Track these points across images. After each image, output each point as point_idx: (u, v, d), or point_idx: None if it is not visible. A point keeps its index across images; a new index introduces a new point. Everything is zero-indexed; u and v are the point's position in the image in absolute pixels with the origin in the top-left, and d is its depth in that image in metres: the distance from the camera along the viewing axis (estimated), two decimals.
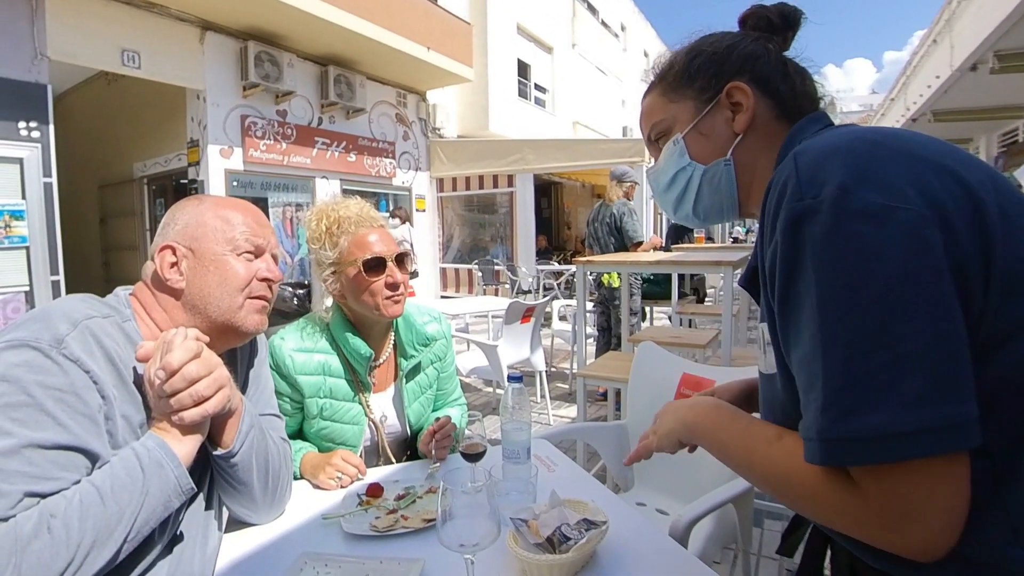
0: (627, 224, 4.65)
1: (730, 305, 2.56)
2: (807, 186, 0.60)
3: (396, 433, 1.64)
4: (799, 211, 0.60)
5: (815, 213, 0.58)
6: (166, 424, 0.91)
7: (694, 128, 0.85)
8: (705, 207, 0.88)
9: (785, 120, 0.82)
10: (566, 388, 5.31)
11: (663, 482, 1.95)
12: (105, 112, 8.61)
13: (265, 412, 1.21)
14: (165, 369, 0.87)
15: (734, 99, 0.82)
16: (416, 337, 1.63)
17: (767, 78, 0.82)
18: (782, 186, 0.63)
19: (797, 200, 0.60)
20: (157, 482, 0.87)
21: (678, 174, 0.87)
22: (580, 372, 2.99)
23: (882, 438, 0.53)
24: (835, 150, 0.62)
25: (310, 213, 1.58)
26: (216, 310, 1.03)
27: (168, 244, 1.03)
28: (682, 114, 0.86)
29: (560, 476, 1.41)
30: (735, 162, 0.83)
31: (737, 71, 0.82)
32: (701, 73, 0.84)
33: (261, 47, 6.74)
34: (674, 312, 5.07)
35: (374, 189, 8.91)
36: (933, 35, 9.42)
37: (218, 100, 6.63)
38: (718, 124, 0.83)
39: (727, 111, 0.83)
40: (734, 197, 0.85)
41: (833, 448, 0.56)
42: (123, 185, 8.55)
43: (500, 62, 11.22)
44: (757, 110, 0.81)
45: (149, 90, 6.83)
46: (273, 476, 1.13)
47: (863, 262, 0.55)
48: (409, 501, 1.25)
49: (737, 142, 0.82)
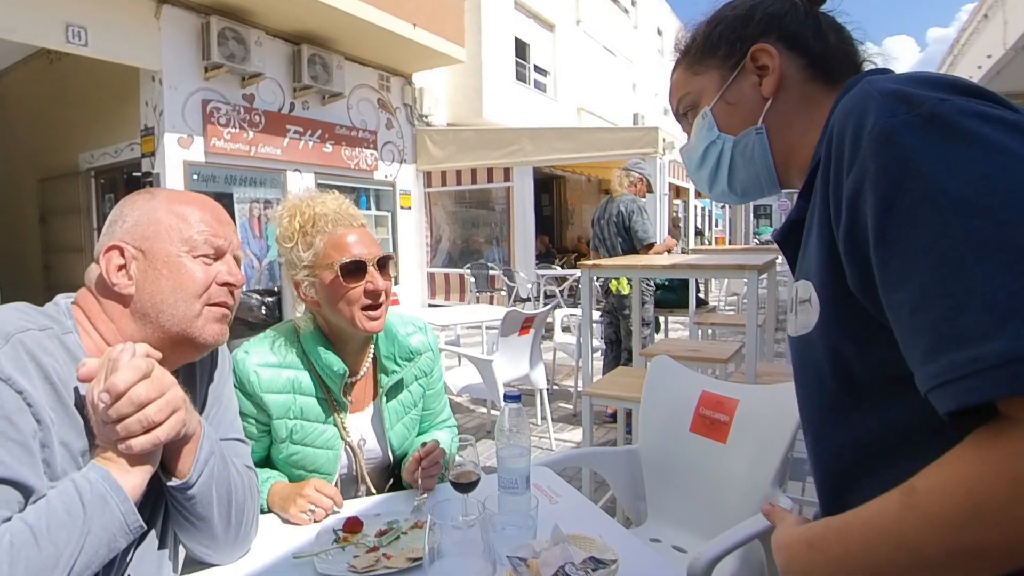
0: (636, 223, 4.66)
1: (755, 314, 2.56)
2: (896, 104, 0.58)
3: (376, 459, 1.63)
4: (894, 125, 0.57)
5: (916, 125, 0.56)
6: (111, 453, 0.90)
7: (721, 98, 0.88)
8: (741, 181, 0.91)
9: (822, 80, 0.83)
10: (570, 408, 5.30)
11: (680, 515, 1.94)
12: (47, 96, 8.60)
13: (228, 436, 1.21)
14: (110, 391, 0.86)
15: (759, 62, 0.84)
16: (398, 350, 1.62)
17: (796, 35, 0.84)
18: (859, 114, 0.61)
19: (890, 116, 0.58)
20: (100, 519, 0.86)
21: (708, 148, 0.91)
22: (586, 390, 2.98)
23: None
24: (917, 75, 0.62)
25: (281, 208, 1.58)
26: (170, 319, 1.03)
27: (115, 244, 1.02)
28: (708, 85, 0.90)
29: (563, 508, 1.41)
30: (768, 129, 0.85)
31: (762, 32, 0.85)
32: (723, 40, 0.88)
33: (225, 23, 6.75)
34: (692, 322, 5.08)
35: (353, 184, 8.92)
36: (984, 9, 9.47)
37: (176, 83, 6.64)
38: (746, 91, 0.86)
39: (754, 76, 0.85)
40: (771, 168, 0.87)
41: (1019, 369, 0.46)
42: (67, 178, 8.53)
43: (495, 41, 11.26)
44: (787, 71, 0.84)
45: (97, 71, 6.83)
46: (237, 510, 1.13)
47: (1000, 160, 0.52)
48: (392, 537, 1.25)
49: (768, 107, 0.85)
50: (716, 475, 1.84)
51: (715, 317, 5.86)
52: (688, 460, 1.92)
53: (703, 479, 1.86)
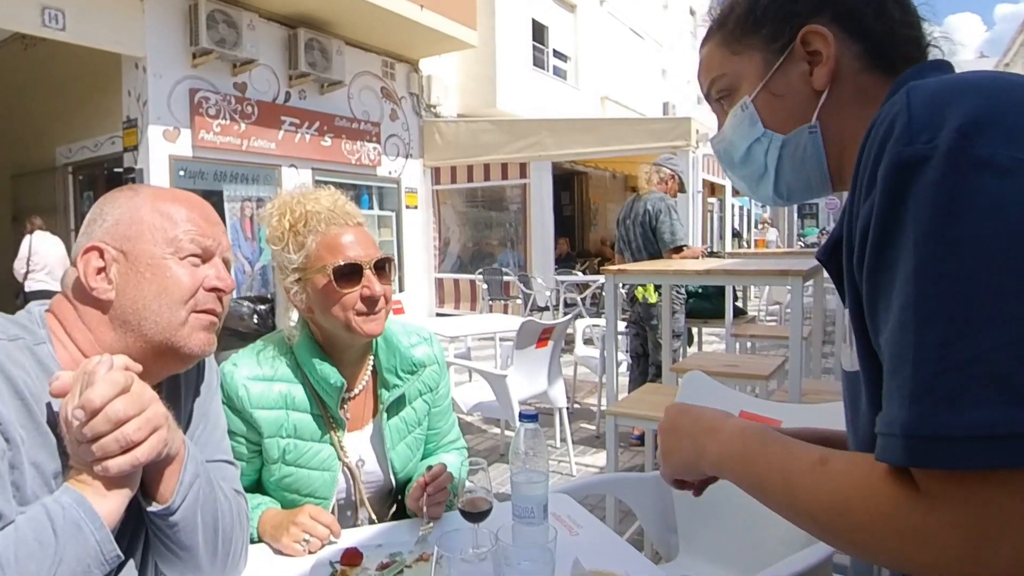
0: (663, 223, 4.65)
1: (799, 326, 2.54)
2: (920, 128, 0.59)
3: (377, 483, 1.63)
4: (906, 157, 0.59)
5: (926, 161, 0.58)
6: (86, 475, 0.90)
7: (765, 88, 0.85)
8: (789, 184, 0.88)
9: (882, 70, 0.80)
10: (593, 429, 5.29)
11: (715, 549, 1.92)
12: (20, 84, 8.75)
13: (215, 458, 1.21)
14: (85, 407, 0.86)
15: (811, 47, 0.81)
16: (400, 362, 1.63)
17: (855, 14, 0.81)
18: (888, 126, 0.62)
19: (905, 144, 0.60)
20: (73, 548, 0.86)
21: (752, 147, 0.88)
22: (611, 409, 2.97)
23: (985, 439, 0.52)
24: (958, 87, 0.62)
25: (270, 206, 1.59)
26: (153, 327, 1.03)
27: (94, 245, 1.03)
28: (749, 70, 0.86)
29: (585, 540, 1.40)
30: (821, 127, 0.82)
31: (815, 9, 0.81)
32: (769, 15, 0.84)
33: (215, 4, 6.84)
34: (728, 334, 5.05)
35: (354, 180, 8.98)
36: None
37: (161, 70, 6.72)
38: (794, 81, 0.83)
39: (804, 63, 0.82)
40: (824, 170, 0.85)
41: (920, 446, 0.55)
42: (42, 174, 8.66)
43: (511, 23, 11.31)
44: (842, 59, 0.80)
45: (76, 57, 6.94)
46: (224, 538, 1.13)
47: (980, 221, 0.54)
48: (395, 571, 1.25)
49: (822, 102, 0.82)
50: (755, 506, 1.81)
51: (755, 328, 5.82)
52: (724, 488, 1.89)
53: (741, 510, 1.84)
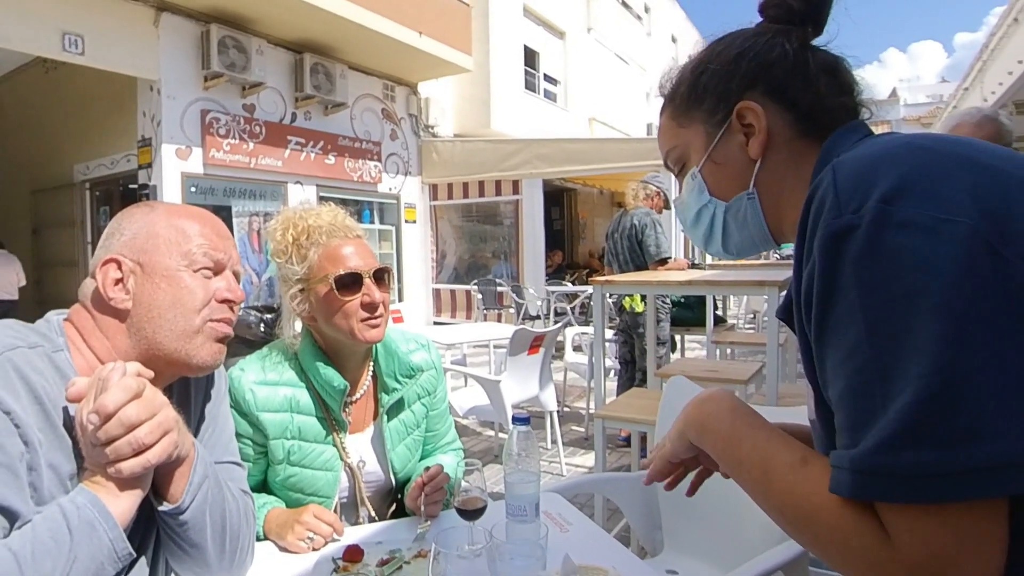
0: (648, 237, 4.66)
1: (776, 333, 2.55)
2: (846, 200, 0.62)
3: (378, 482, 1.63)
4: (837, 228, 0.62)
5: (855, 229, 0.60)
6: (100, 476, 0.90)
7: (709, 159, 0.87)
8: (736, 243, 0.91)
9: (812, 135, 0.82)
10: (582, 432, 5.28)
11: (698, 545, 1.92)
12: (41, 105, 8.74)
13: (223, 459, 1.20)
14: (99, 412, 0.86)
15: (745, 120, 0.83)
16: (399, 367, 1.63)
17: (783, 88, 0.83)
18: (819, 202, 0.65)
19: (835, 216, 0.62)
20: (87, 547, 0.85)
21: (701, 211, 0.91)
22: (599, 413, 2.97)
23: (927, 477, 0.55)
24: (877, 159, 0.64)
25: (274, 221, 1.60)
26: (168, 335, 1.03)
27: (113, 257, 1.03)
28: (695, 141, 0.89)
29: (575, 537, 1.40)
30: (759, 192, 0.85)
31: (749, 84, 0.83)
32: (708, 92, 0.86)
33: (226, 31, 6.85)
34: (709, 341, 5.05)
35: (356, 196, 8.98)
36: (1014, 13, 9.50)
37: (175, 92, 6.73)
38: (733, 151, 0.85)
39: (740, 135, 0.84)
40: (764, 230, 0.88)
41: (866, 481, 0.58)
42: (61, 190, 8.64)
43: (504, 49, 11.36)
44: (774, 128, 0.82)
45: (94, 80, 6.94)
46: (232, 537, 1.12)
47: (912, 281, 0.57)
48: (394, 567, 1.24)
49: (758, 169, 0.84)
50: (737, 503, 1.81)
51: (734, 336, 5.84)
52: (707, 487, 1.89)
53: (723, 507, 1.84)
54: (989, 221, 0.57)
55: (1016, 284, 0.56)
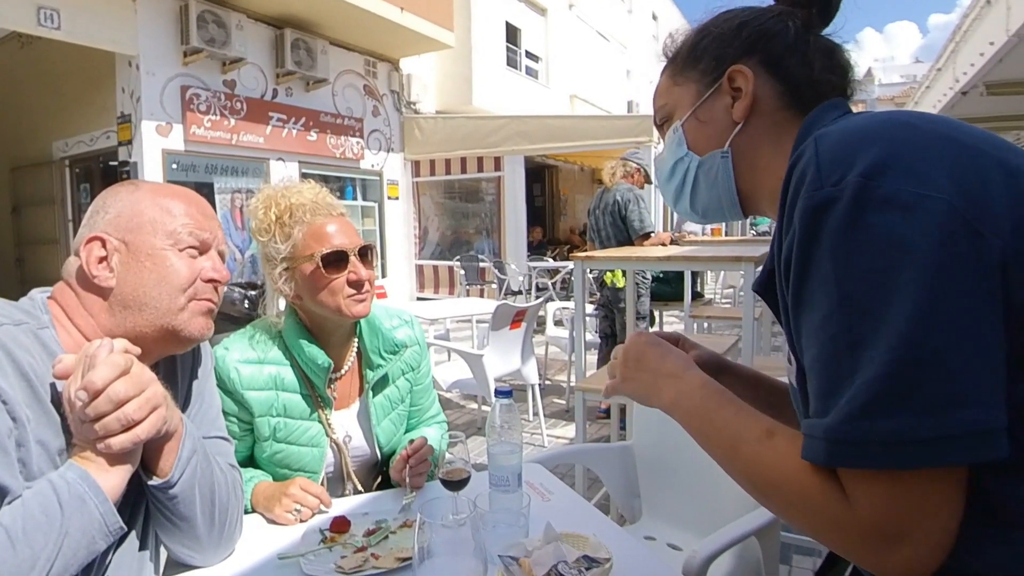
0: (632, 212, 4.67)
1: (751, 308, 2.57)
2: (828, 173, 0.63)
3: (364, 456, 1.63)
4: (818, 201, 0.62)
5: (835, 202, 0.61)
6: (90, 452, 0.89)
7: (693, 115, 0.89)
8: (703, 202, 0.93)
9: (798, 108, 0.84)
10: (563, 404, 5.32)
11: (675, 513, 1.95)
12: (18, 81, 8.51)
13: (211, 435, 1.20)
14: (87, 389, 0.85)
15: (735, 84, 0.85)
16: (383, 343, 1.63)
17: (778, 60, 0.84)
18: (801, 173, 0.66)
19: (816, 188, 0.63)
20: (78, 521, 0.85)
21: (676, 164, 0.92)
22: (579, 385, 2.99)
23: (895, 444, 0.56)
24: (859, 133, 0.65)
25: (255, 200, 1.58)
26: (153, 313, 1.03)
27: (97, 235, 1.02)
28: (683, 98, 0.91)
29: (556, 506, 1.41)
30: (734, 154, 0.86)
31: (745, 52, 0.85)
32: (706, 54, 0.88)
33: (205, 5, 6.69)
34: (687, 316, 5.09)
35: (339, 173, 8.88)
36: None
37: (154, 68, 6.58)
38: (718, 111, 0.87)
39: (728, 97, 0.86)
40: (733, 194, 0.89)
41: (838, 449, 0.59)
42: (40, 167, 8.45)
43: (486, 25, 11.21)
44: (761, 96, 0.84)
45: (71, 55, 6.76)
46: (220, 509, 1.13)
47: (888, 255, 0.57)
48: (380, 537, 1.25)
49: (736, 132, 0.86)
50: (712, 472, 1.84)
51: (711, 310, 5.89)
52: (683, 456, 1.93)
53: (698, 476, 1.87)
54: (966, 198, 0.58)
55: (991, 261, 0.56)
